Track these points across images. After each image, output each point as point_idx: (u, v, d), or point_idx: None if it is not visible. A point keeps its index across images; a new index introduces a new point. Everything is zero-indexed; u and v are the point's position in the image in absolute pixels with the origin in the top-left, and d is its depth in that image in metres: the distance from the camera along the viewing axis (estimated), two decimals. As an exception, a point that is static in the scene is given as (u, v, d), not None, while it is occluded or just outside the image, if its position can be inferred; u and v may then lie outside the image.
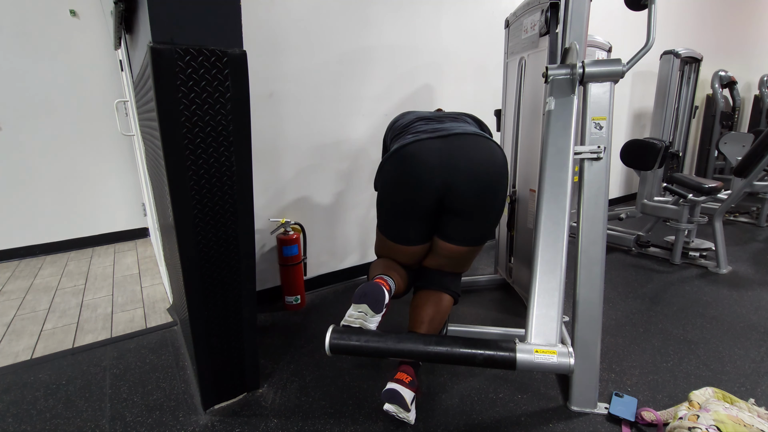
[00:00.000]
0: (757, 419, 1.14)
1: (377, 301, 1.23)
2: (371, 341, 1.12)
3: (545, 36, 1.65)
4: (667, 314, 1.95)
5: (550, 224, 1.18)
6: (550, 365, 1.00)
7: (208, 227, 1.15)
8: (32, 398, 1.45)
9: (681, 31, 4.12)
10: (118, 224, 3.23)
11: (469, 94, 2.62)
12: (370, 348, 1.11)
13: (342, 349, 1.12)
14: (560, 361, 0.99)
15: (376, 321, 1.24)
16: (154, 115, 1.03)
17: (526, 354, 1.01)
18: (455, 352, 1.07)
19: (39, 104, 2.76)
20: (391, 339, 1.12)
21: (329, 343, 1.12)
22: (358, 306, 1.23)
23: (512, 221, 2.11)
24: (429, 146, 1.29)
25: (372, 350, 1.11)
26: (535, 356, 1.01)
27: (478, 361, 1.05)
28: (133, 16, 1.37)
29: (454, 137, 1.31)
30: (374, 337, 1.13)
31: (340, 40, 2.03)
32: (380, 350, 1.11)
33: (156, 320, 1.98)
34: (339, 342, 1.13)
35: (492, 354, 1.04)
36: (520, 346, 1.03)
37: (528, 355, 1.01)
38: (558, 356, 1.00)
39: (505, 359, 1.02)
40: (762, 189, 3.18)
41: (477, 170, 1.28)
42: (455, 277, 1.52)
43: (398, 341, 1.11)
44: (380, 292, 1.24)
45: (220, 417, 1.34)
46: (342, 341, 1.13)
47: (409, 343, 1.11)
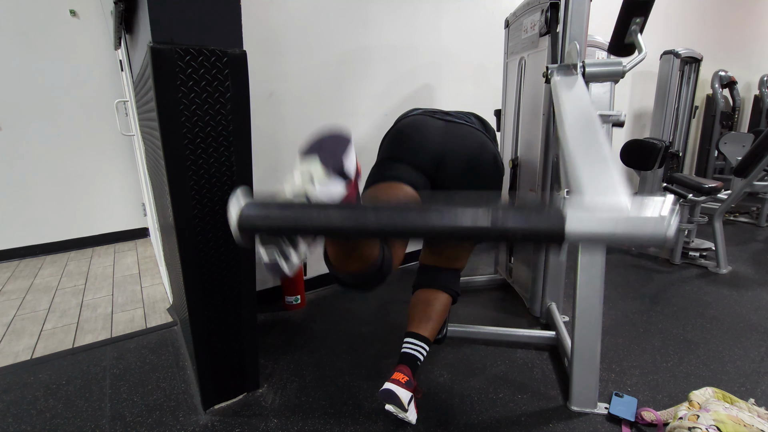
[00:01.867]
0: (757, 419, 1.14)
1: (335, 153, 0.75)
2: (313, 209, 0.64)
3: (545, 36, 1.65)
4: (667, 314, 1.95)
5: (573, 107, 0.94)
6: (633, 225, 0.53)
7: (208, 227, 1.15)
8: (32, 398, 1.45)
9: (681, 31, 4.11)
10: (118, 224, 3.23)
11: (469, 94, 2.62)
12: (311, 220, 0.62)
13: (260, 225, 0.64)
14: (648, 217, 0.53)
15: (330, 194, 0.74)
16: (154, 115, 1.03)
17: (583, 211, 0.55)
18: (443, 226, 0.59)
19: (39, 104, 2.76)
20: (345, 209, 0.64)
21: (239, 217, 0.63)
22: (304, 161, 0.76)
23: (515, 184, 2.09)
24: (432, 122, 1.36)
25: (314, 224, 0.62)
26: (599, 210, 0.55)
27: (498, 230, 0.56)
28: (133, 16, 1.37)
29: (455, 125, 1.37)
30: (318, 207, 0.66)
31: (340, 39, 2.03)
32: (329, 224, 0.62)
33: (156, 320, 1.98)
34: (254, 213, 0.63)
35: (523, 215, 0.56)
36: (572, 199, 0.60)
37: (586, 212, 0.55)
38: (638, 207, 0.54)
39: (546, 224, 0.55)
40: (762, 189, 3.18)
41: (468, 156, 1.32)
42: (453, 275, 1.52)
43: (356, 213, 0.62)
44: (343, 139, 0.79)
45: (220, 417, 1.34)
46: (260, 211, 0.64)
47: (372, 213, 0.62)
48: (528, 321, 1.93)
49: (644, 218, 0.53)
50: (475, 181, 1.34)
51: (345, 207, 0.63)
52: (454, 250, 1.46)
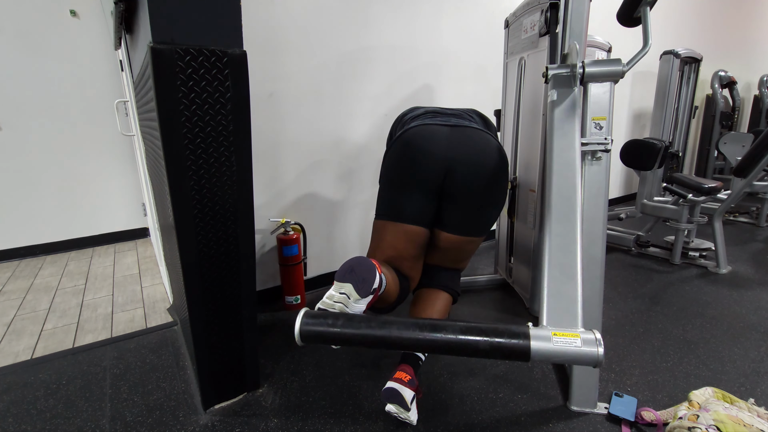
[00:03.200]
0: (756, 419, 1.14)
1: (365, 281, 1.03)
2: (351, 326, 0.90)
3: (545, 36, 1.65)
4: (667, 314, 1.95)
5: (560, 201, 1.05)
6: (573, 354, 0.79)
7: (208, 227, 1.15)
8: (32, 398, 1.45)
9: (681, 31, 4.12)
10: (118, 224, 3.23)
11: (468, 94, 2.62)
12: (349, 334, 0.89)
13: (316, 336, 0.92)
14: (585, 350, 0.79)
15: (360, 308, 1.05)
16: (154, 115, 1.03)
17: (542, 341, 0.81)
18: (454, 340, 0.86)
19: (39, 104, 2.76)
20: (377, 323, 0.90)
21: (300, 329, 0.91)
22: (341, 285, 1.04)
23: (513, 208, 2.11)
24: (437, 130, 1.36)
25: (352, 337, 0.90)
26: (554, 343, 0.80)
27: (482, 350, 0.84)
28: (133, 16, 1.37)
29: (459, 128, 1.37)
30: (355, 321, 0.92)
31: (340, 40, 2.03)
32: (362, 337, 0.89)
33: (156, 320, 1.98)
34: (312, 328, 0.91)
35: (500, 342, 0.83)
36: (535, 331, 0.83)
37: (544, 342, 0.80)
38: (582, 342, 0.79)
39: (515, 348, 0.82)
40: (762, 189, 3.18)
41: (476, 160, 1.33)
42: (454, 275, 1.52)
43: (386, 326, 0.89)
44: (370, 269, 1.05)
45: (220, 417, 1.34)
46: (316, 327, 0.91)
47: (398, 328, 0.89)
48: (528, 321, 1.92)
49: (583, 351, 0.80)
50: (483, 182, 1.34)
51: (372, 326, 0.90)
52: (461, 252, 1.47)
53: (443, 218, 1.40)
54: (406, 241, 1.37)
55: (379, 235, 1.42)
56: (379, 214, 1.44)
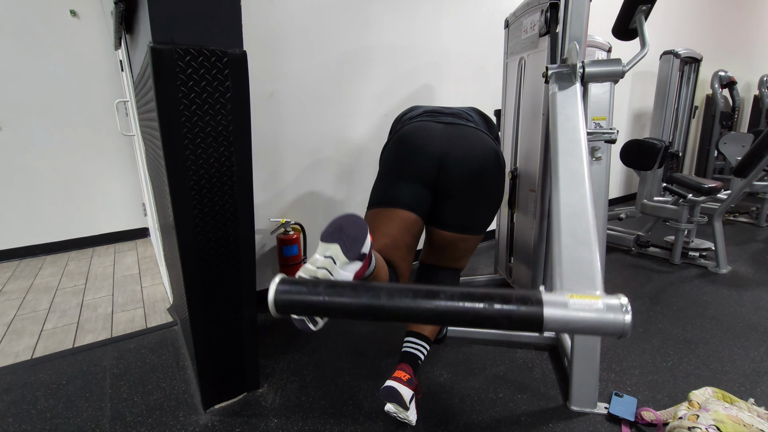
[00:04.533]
0: (756, 419, 1.14)
1: (355, 241, 0.89)
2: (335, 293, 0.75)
3: (545, 36, 1.65)
4: (667, 314, 1.95)
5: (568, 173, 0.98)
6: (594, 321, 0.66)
7: (208, 227, 1.15)
8: (32, 398, 1.45)
9: (681, 31, 4.12)
10: (118, 224, 3.23)
11: (469, 94, 2.62)
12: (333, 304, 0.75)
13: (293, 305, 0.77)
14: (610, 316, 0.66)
15: (347, 276, 0.90)
16: (154, 115, 1.03)
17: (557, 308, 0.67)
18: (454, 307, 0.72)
19: (39, 104, 2.76)
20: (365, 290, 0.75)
21: (274, 298, 0.76)
22: (327, 247, 0.89)
23: (513, 198, 2.10)
24: (431, 127, 1.38)
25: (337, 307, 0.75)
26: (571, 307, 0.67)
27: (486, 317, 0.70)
28: (133, 16, 1.37)
29: (454, 126, 1.39)
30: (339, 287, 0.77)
31: (340, 40, 2.03)
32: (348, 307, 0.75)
33: (156, 320, 1.98)
34: (289, 297, 0.76)
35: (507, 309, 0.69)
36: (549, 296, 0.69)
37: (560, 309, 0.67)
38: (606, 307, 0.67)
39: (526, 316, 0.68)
40: (762, 189, 3.18)
41: (469, 157, 1.33)
42: (453, 274, 1.52)
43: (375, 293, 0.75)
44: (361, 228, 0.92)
45: (220, 417, 1.34)
46: (294, 296, 0.76)
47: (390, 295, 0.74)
48: (528, 321, 1.93)
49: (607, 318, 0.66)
50: (477, 180, 1.34)
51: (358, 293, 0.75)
52: (457, 250, 1.47)
53: (438, 215, 1.41)
54: (401, 228, 1.31)
55: (371, 223, 1.33)
56: (372, 204, 1.38)
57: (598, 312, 0.67)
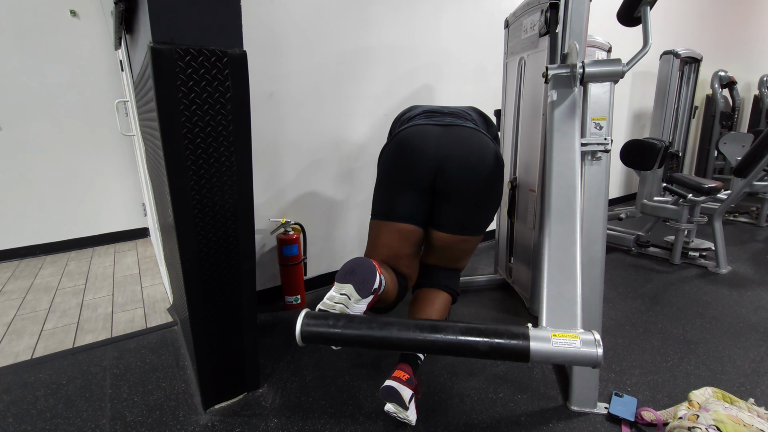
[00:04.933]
0: (756, 419, 1.14)
1: (365, 282, 1.04)
2: (351, 327, 0.92)
3: (545, 36, 1.65)
4: (667, 314, 1.96)
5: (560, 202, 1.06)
6: (572, 354, 0.81)
7: (208, 227, 1.15)
8: (32, 398, 1.45)
9: (681, 31, 4.12)
10: (118, 224, 3.23)
11: (469, 94, 2.62)
12: (349, 335, 0.91)
13: (317, 336, 0.93)
14: (584, 351, 0.81)
15: (361, 309, 1.07)
16: (154, 115, 1.03)
17: (542, 342, 0.82)
18: (454, 340, 0.87)
19: (39, 104, 2.76)
20: (377, 324, 0.92)
21: (300, 330, 0.92)
22: (342, 286, 1.05)
23: (513, 208, 2.11)
24: (428, 130, 1.38)
25: (352, 338, 0.91)
26: (553, 344, 0.81)
27: (481, 350, 0.85)
28: (133, 16, 1.37)
29: (452, 128, 1.38)
30: (355, 321, 0.93)
31: (340, 40, 2.03)
32: (363, 338, 0.91)
33: (156, 320, 1.98)
34: (313, 329, 0.93)
35: (499, 343, 0.84)
36: (534, 332, 0.84)
37: (544, 343, 0.82)
38: (581, 343, 0.81)
39: (515, 348, 0.83)
40: (762, 189, 3.18)
41: (467, 158, 1.33)
42: (453, 274, 1.52)
43: (385, 327, 0.91)
44: (370, 270, 1.07)
45: (220, 417, 1.34)
46: (317, 328, 0.93)
47: (398, 329, 0.90)
48: (528, 321, 1.93)
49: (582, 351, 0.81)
50: (476, 181, 1.34)
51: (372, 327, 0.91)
52: (456, 251, 1.47)
53: (436, 217, 1.41)
54: (400, 239, 1.39)
55: (374, 234, 1.45)
56: (374, 215, 1.46)
57: (575, 347, 0.81)
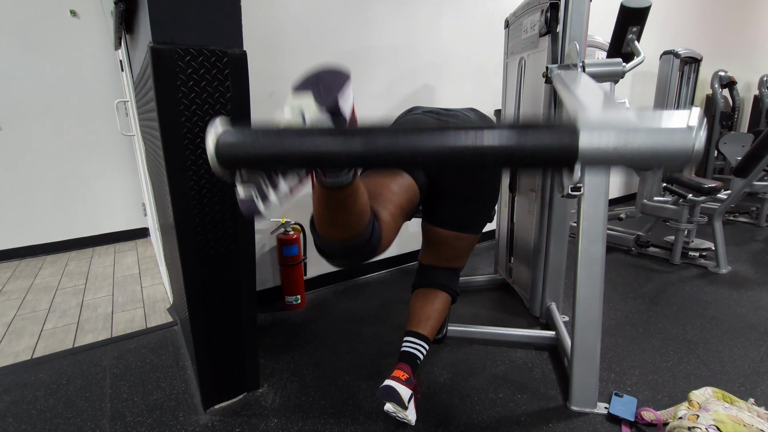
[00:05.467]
0: (756, 419, 1.14)
1: (330, 88, 0.68)
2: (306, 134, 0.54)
3: (545, 36, 1.65)
4: (667, 314, 1.95)
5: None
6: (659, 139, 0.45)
7: (208, 227, 1.15)
8: (32, 398, 1.45)
9: (681, 31, 4.12)
10: (118, 224, 3.23)
11: (469, 94, 2.62)
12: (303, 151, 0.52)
13: (245, 158, 0.55)
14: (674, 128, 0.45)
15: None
16: (154, 115, 1.03)
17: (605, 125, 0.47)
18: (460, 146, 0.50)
19: (39, 104, 2.76)
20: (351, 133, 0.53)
21: (216, 145, 0.53)
22: (297, 96, 0.67)
23: (515, 182, 2.10)
24: (427, 120, 1.39)
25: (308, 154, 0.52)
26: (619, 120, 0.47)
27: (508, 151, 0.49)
28: (133, 16, 1.37)
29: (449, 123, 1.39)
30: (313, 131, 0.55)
31: (340, 39, 2.03)
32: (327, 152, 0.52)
33: (156, 320, 1.98)
34: (239, 146, 0.54)
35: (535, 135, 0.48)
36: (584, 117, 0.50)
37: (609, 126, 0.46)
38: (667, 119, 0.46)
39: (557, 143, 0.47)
40: (762, 189, 3.18)
41: None
42: (453, 274, 1.52)
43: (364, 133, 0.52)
44: (341, 76, 0.72)
45: (220, 417, 1.34)
46: (246, 145, 0.54)
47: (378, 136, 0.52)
48: (528, 321, 1.93)
49: (668, 129, 0.45)
50: (472, 179, 1.34)
51: (333, 131, 0.53)
52: (453, 249, 1.47)
53: (433, 213, 1.41)
54: (397, 184, 1.17)
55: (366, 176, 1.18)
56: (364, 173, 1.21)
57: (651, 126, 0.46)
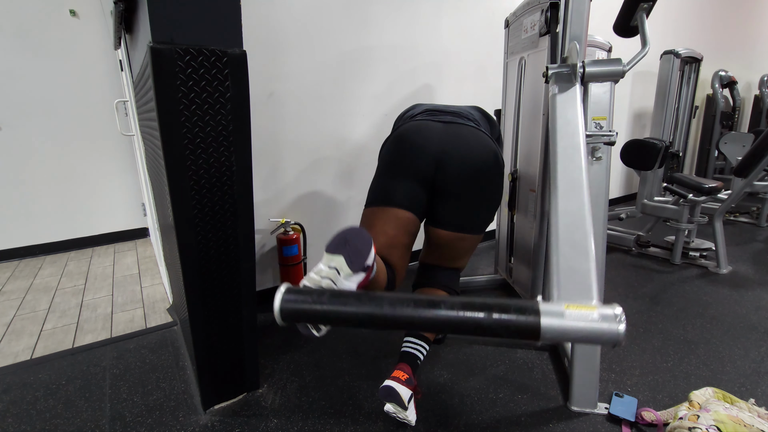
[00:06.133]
0: (757, 419, 1.14)
1: (359, 253, 0.91)
2: (339, 303, 0.78)
3: (545, 36, 1.65)
4: (667, 314, 1.95)
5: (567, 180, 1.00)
6: (590, 331, 0.68)
7: (208, 227, 1.15)
8: (32, 398, 1.45)
9: (681, 31, 4.12)
10: (118, 224, 3.23)
11: (469, 93, 2.62)
12: (336, 313, 0.77)
13: (297, 314, 0.79)
14: (603, 326, 0.67)
15: (351, 286, 0.94)
16: (154, 115, 1.03)
17: (554, 317, 0.69)
18: (455, 316, 0.75)
19: (39, 104, 2.76)
20: (368, 299, 0.78)
21: (280, 307, 0.78)
22: (331, 258, 0.92)
23: (513, 200, 2.10)
24: (430, 125, 1.38)
25: (340, 315, 0.77)
26: (567, 318, 0.69)
27: (485, 327, 0.73)
28: (133, 16, 1.37)
29: (453, 125, 1.39)
30: (342, 297, 0.79)
31: (340, 39, 2.03)
32: (352, 316, 0.77)
33: (156, 320, 1.98)
34: (294, 306, 0.78)
35: (506, 318, 0.71)
36: (546, 306, 0.71)
37: (556, 318, 0.69)
38: (600, 317, 0.68)
39: (524, 325, 0.70)
40: (762, 189, 3.18)
41: (468, 156, 1.33)
42: (453, 274, 1.52)
43: (376, 302, 0.77)
44: (366, 241, 0.94)
45: (220, 417, 1.34)
46: (298, 304, 0.78)
47: (393, 305, 0.76)
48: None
49: (602, 327, 0.68)
50: (475, 179, 1.34)
51: (362, 302, 0.77)
52: (455, 249, 1.46)
53: (435, 214, 1.41)
54: (397, 227, 1.32)
55: (368, 221, 1.36)
56: (369, 203, 1.40)
57: (593, 322, 0.68)
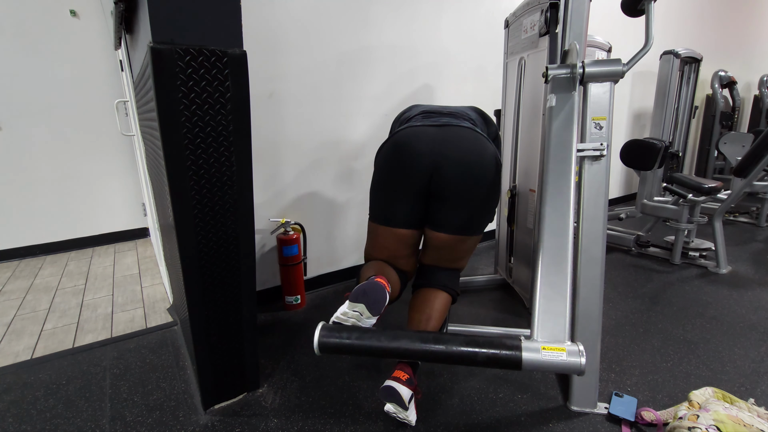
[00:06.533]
0: (756, 419, 1.14)
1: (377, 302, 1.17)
2: (364, 339, 1.06)
3: (545, 36, 1.65)
4: (667, 314, 1.95)
5: (554, 216, 1.14)
6: (559, 364, 0.94)
7: (208, 227, 1.15)
8: (32, 398, 1.45)
9: (681, 31, 4.12)
10: (118, 224, 3.23)
11: (468, 94, 2.62)
12: (362, 346, 1.05)
13: (332, 347, 1.07)
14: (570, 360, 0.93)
15: (371, 323, 1.20)
16: (154, 115, 1.03)
17: (533, 353, 0.95)
18: (455, 351, 1.00)
19: (39, 104, 2.76)
20: (386, 336, 1.05)
21: (318, 341, 1.07)
22: (355, 305, 1.18)
23: (512, 215, 2.11)
24: (424, 131, 1.38)
25: (365, 349, 1.05)
26: (543, 354, 0.94)
27: (479, 360, 0.98)
28: (133, 16, 1.37)
29: (448, 128, 1.39)
30: (367, 334, 1.07)
31: (340, 39, 2.03)
32: (374, 349, 1.05)
33: (156, 320, 1.98)
34: (329, 340, 1.07)
35: (495, 353, 0.97)
36: (526, 344, 0.97)
37: (534, 353, 0.95)
38: (567, 354, 0.94)
39: (509, 358, 0.96)
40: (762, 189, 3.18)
41: (465, 158, 1.34)
42: (453, 274, 1.52)
43: (393, 339, 1.04)
44: (381, 292, 1.19)
45: (220, 417, 1.34)
46: (332, 339, 1.07)
47: (405, 341, 1.04)
48: (528, 321, 1.93)
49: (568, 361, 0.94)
50: (472, 180, 1.34)
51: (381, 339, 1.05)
52: (455, 251, 1.47)
53: (434, 217, 1.41)
54: (398, 243, 1.46)
55: (373, 236, 1.51)
56: (372, 217, 1.51)
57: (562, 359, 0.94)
